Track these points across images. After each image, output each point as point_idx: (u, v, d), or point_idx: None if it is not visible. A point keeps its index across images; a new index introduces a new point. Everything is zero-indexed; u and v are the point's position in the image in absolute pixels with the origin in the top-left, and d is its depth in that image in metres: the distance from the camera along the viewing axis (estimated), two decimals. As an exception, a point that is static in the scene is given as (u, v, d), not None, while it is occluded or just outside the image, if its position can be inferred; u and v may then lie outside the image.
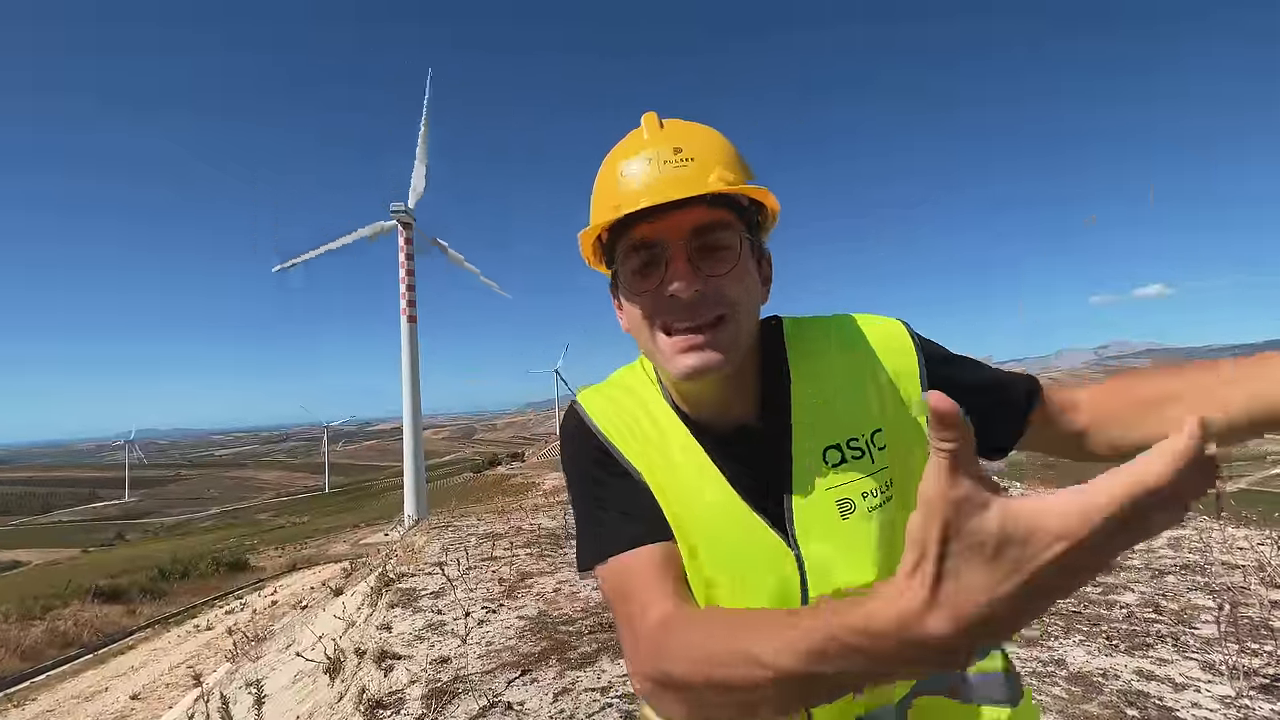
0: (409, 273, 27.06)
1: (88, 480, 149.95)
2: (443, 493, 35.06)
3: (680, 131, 0.75)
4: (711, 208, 0.70)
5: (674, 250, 0.70)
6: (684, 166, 0.70)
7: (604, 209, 0.73)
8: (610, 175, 0.75)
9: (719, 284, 0.71)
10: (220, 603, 20.15)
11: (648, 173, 0.71)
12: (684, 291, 0.69)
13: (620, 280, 0.76)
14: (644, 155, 0.72)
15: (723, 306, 0.71)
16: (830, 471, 0.74)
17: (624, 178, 0.73)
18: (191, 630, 15.73)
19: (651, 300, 0.72)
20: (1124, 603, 3.50)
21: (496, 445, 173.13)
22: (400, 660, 3.36)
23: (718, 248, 0.71)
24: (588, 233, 0.76)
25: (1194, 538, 4.74)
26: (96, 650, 15.09)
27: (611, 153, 0.78)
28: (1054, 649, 2.95)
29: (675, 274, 0.70)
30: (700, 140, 0.73)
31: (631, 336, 0.78)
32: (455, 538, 6.69)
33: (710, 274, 0.71)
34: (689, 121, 0.77)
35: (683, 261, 0.70)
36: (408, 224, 27.14)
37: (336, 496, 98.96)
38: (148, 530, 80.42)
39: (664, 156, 0.71)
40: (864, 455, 0.74)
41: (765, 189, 0.72)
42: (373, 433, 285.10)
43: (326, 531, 47.07)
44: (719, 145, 0.74)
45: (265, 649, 7.60)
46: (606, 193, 0.75)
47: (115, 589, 20.83)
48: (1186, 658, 2.80)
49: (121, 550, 51.16)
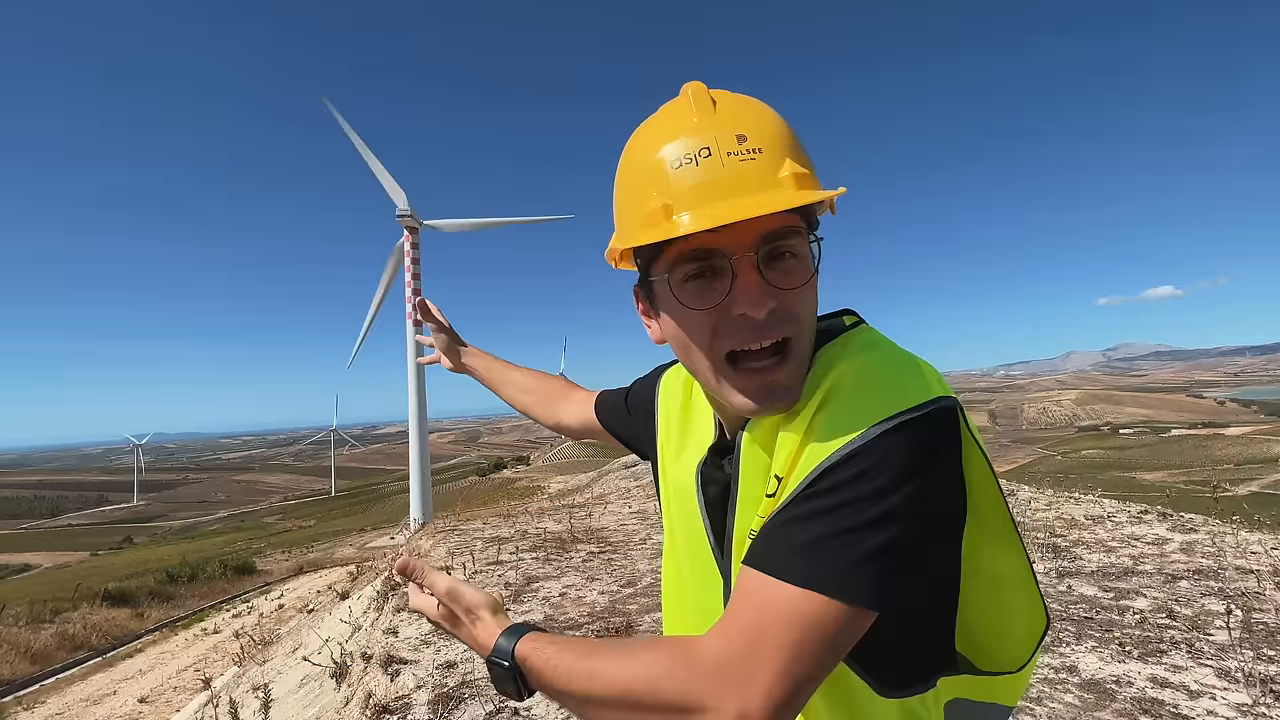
0: (415, 276, 27.19)
1: (97, 484, 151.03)
2: (448, 496, 35.12)
3: (737, 111, 0.61)
4: (784, 210, 0.57)
5: (741, 262, 0.59)
6: (751, 159, 0.58)
7: (650, 212, 0.60)
8: (652, 163, 0.61)
9: (790, 300, 0.60)
10: (227, 606, 20.23)
11: (709, 167, 0.58)
12: (758, 311, 0.59)
13: (665, 290, 0.63)
14: (699, 141, 0.59)
15: (790, 328, 0.61)
16: (763, 500, 0.65)
17: (674, 170, 0.59)
18: (199, 634, 15.80)
19: (714, 319, 0.61)
20: (1136, 608, 3.46)
21: (502, 449, 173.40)
22: (406, 665, 3.35)
23: (788, 256, 0.60)
24: (633, 244, 0.62)
25: (1207, 542, 4.68)
26: (105, 653, 15.17)
27: (647, 130, 0.64)
28: (1065, 655, 2.92)
29: (745, 290, 0.59)
30: (762, 124, 0.61)
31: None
32: (461, 541, 6.69)
33: (782, 288, 0.60)
34: (741, 95, 0.64)
35: (754, 275, 0.59)
36: (414, 228, 27.30)
37: (343, 500, 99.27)
38: (156, 533, 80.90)
39: (725, 145, 0.58)
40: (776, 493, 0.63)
41: (840, 188, 0.61)
42: (379, 436, 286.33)
43: (333, 535, 47.25)
44: (783, 130, 0.62)
45: (272, 653, 7.62)
46: (650, 184, 0.61)
47: (123, 592, 20.93)
48: (1201, 664, 2.76)
49: (130, 553, 51.50)
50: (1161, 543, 4.79)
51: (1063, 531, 5.30)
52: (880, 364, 0.62)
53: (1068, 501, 6.52)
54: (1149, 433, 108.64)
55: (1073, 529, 5.35)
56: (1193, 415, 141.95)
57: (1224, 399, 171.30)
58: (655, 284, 0.65)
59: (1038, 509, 6.21)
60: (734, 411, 0.65)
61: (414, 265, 27.28)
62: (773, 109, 0.64)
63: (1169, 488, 20.82)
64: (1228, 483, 19.78)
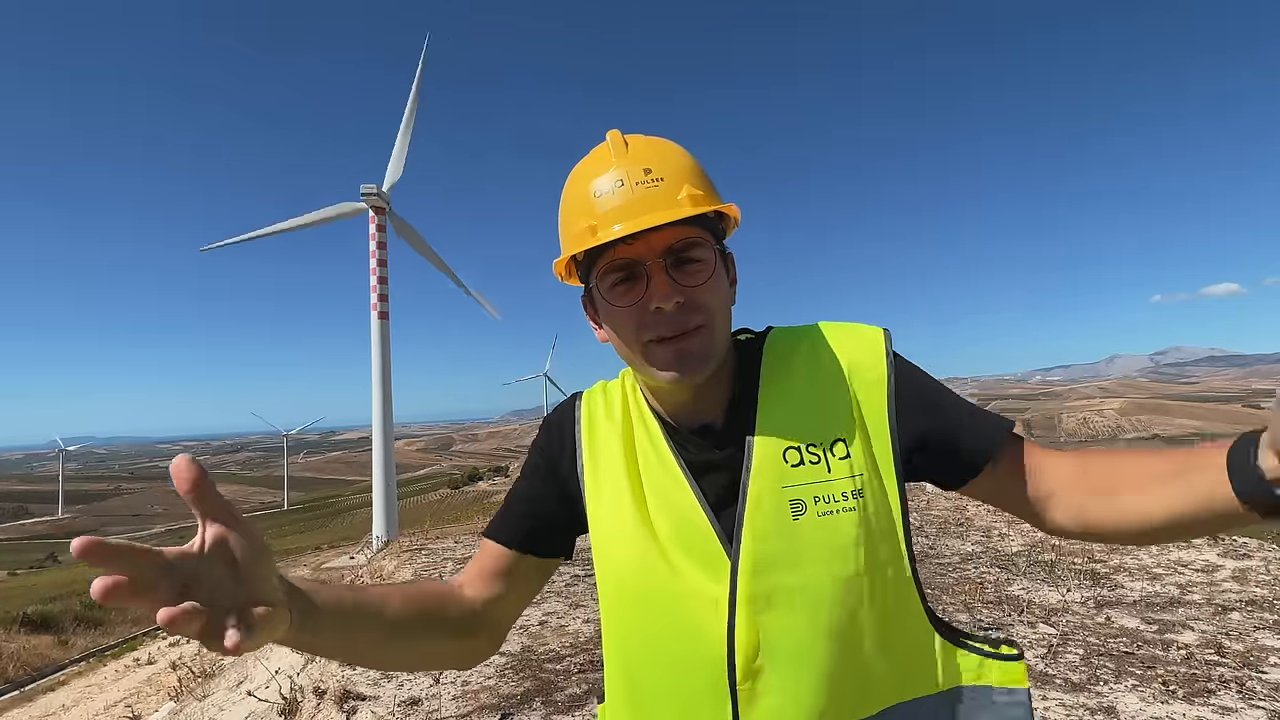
0: (380, 263, 26.91)
1: (16, 494, 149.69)
2: (416, 511, 34.97)
3: (646, 150, 0.87)
4: (683, 225, 0.82)
5: (653, 267, 0.83)
6: (655, 186, 0.83)
7: (579, 231, 0.85)
8: (581, 194, 0.86)
9: (696, 294, 0.84)
10: (164, 634, 20.07)
11: (621, 194, 0.83)
12: (668, 304, 0.82)
13: (599, 296, 0.88)
14: (614, 175, 0.84)
15: (701, 315, 0.85)
16: (787, 470, 0.84)
17: (596, 199, 0.84)
18: (131, 664, 15.67)
19: (636, 315, 0.85)
20: (1182, 642, 3.49)
21: (477, 458, 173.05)
22: (365, 701, 3.35)
23: (692, 261, 0.84)
24: (562, 259, 0.90)
25: (1261, 569, 4.73)
26: (22, 686, 15.03)
27: (579, 169, 0.90)
28: (1103, 695, 2.95)
29: (657, 290, 0.83)
30: (667, 158, 0.86)
31: (609, 349, 0.92)
32: (429, 562, 6.69)
33: (687, 285, 0.84)
34: (652, 137, 0.90)
35: (663, 278, 0.83)
36: (380, 209, 27.01)
37: (297, 514, 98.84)
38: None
39: (635, 177, 0.83)
40: (820, 461, 0.84)
41: (731, 204, 0.88)
42: (338, 443, 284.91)
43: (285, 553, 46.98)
44: (684, 162, 0.87)
45: (213, 686, 7.58)
46: (580, 212, 0.86)
47: (45, 617, 20.74)
48: (1253, 705, 2.79)
49: (53, 573, 51.02)
50: (1211, 570, 4.83)
51: (1102, 557, 5.35)
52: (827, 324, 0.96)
53: (1108, 523, 6.55)
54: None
55: (1113, 554, 5.39)
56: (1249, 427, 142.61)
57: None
58: (594, 292, 0.89)
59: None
60: (661, 381, 0.86)
61: (380, 250, 27.03)
62: (680, 146, 0.90)
63: (1221, 509, 20.86)
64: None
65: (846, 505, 0.83)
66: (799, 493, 0.83)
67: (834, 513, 0.82)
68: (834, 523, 0.82)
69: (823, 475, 0.84)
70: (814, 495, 0.83)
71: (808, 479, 0.84)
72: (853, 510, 0.82)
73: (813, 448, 0.85)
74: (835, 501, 0.82)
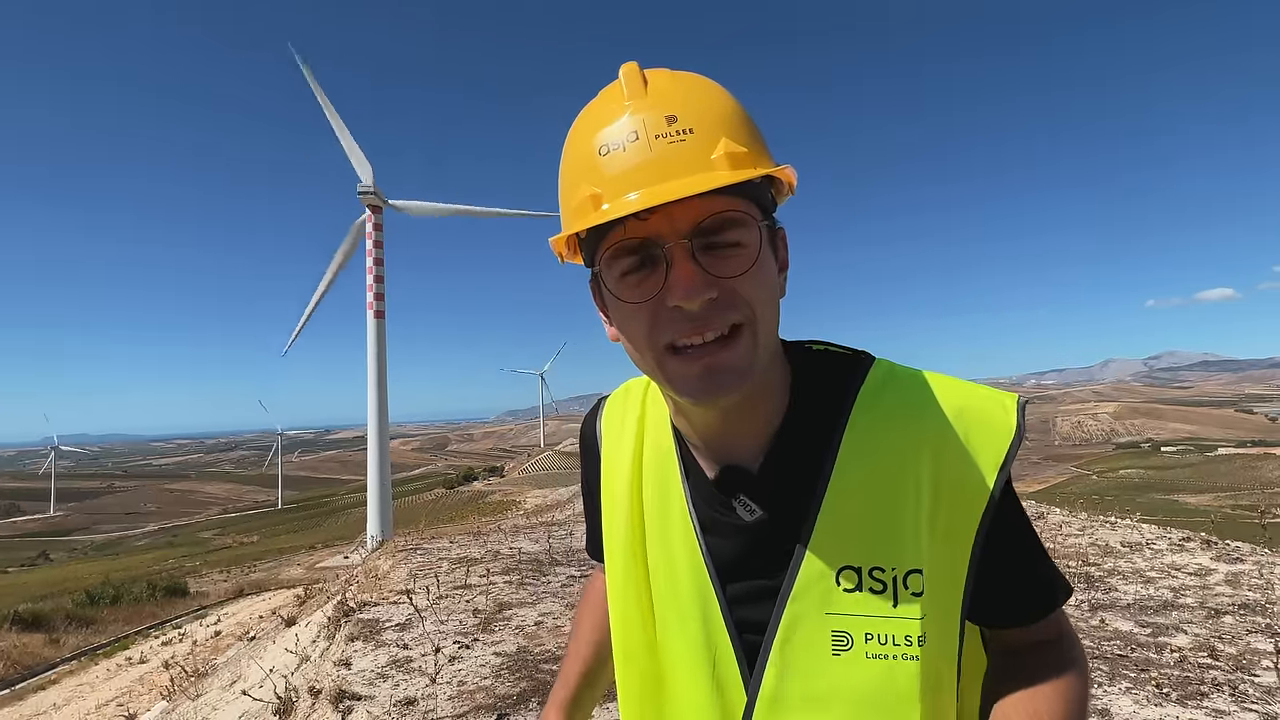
0: (377, 261, 26.91)
1: (8, 491, 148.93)
2: (411, 511, 34.96)
3: (671, 90, 0.63)
4: (719, 195, 0.60)
5: (675, 251, 0.60)
6: (681, 141, 0.60)
7: (580, 202, 0.62)
8: (584, 151, 0.63)
9: (733, 287, 0.61)
10: (157, 632, 19.99)
11: (635, 151, 0.60)
12: (692, 302, 0.60)
13: (605, 284, 0.66)
14: (628, 125, 0.61)
15: (739, 312, 0.62)
16: (837, 595, 0.66)
17: (603, 157, 0.61)
18: (123, 663, 15.60)
19: (650, 312, 0.62)
20: (1175, 646, 3.50)
21: (473, 458, 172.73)
22: (360, 701, 3.33)
23: (728, 244, 0.61)
24: (560, 237, 0.68)
25: (1254, 573, 4.75)
26: (13, 685, 14.95)
27: (583, 117, 0.66)
28: (1096, 697, 2.95)
29: (679, 281, 0.60)
30: (697, 101, 0.62)
31: (621, 347, 0.69)
32: (425, 562, 6.67)
33: (722, 275, 0.61)
34: (680, 72, 0.66)
35: (687, 265, 0.60)
36: (377, 207, 27.01)
37: (291, 513, 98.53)
38: (75, 549, 79.89)
39: (655, 128, 0.60)
40: (885, 591, 0.65)
41: (786, 166, 0.63)
42: (333, 442, 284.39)
43: (279, 553, 46.84)
44: (721, 107, 0.63)
45: (207, 686, 7.55)
46: (581, 174, 0.63)
47: (37, 615, 20.65)
48: (1245, 708, 2.80)
49: (45, 571, 50.81)
50: (1205, 574, 4.85)
51: (1096, 560, 5.36)
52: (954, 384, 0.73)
53: (1103, 526, 6.59)
54: (1193, 451, 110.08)
55: (1107, 557, 5.41)
56: (1242, 432, 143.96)
57: (1276, 415, 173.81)
58: (601, 278, 0.67)
59: (1069, 534, 6.28)
60: (683, 400, 0.66)
61: (376, 249, 27.05)
62: (717, 84, 0.65)
63: (1214, 512, 21.07)
64: (1278, 508, 20.05)
65: (908, 652, 0.64)
66: (847, 624, 0.65)
67: (889, 658, 0.64)
68: (887, 670, 0.64)
69: (884, 610, 0.65)
70: (865, 631, 0.65)
71: (863, 611, 0.65)
72: (914, 660, 0.64)
73: (878, 573, 0.65)
74: (894, 645, 0.64)
